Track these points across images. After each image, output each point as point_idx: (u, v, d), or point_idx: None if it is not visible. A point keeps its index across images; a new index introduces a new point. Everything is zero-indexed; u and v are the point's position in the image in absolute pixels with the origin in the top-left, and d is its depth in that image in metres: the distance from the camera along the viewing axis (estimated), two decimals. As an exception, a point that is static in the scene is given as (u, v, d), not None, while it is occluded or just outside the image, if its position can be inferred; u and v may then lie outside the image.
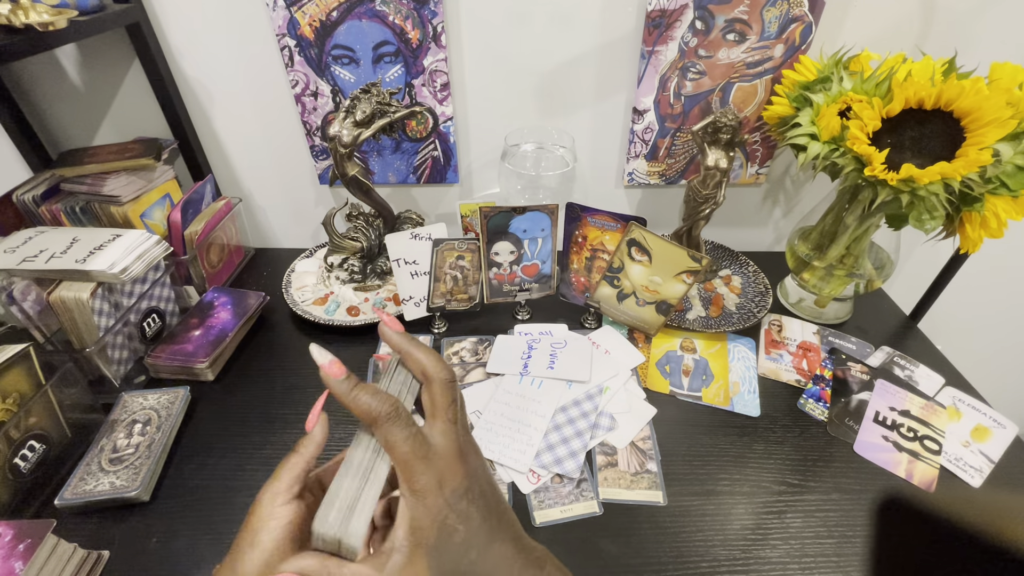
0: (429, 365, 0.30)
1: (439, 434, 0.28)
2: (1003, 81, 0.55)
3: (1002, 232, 0.59)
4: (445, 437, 0.28)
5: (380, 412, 0.27)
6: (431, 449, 0.27)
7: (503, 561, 0.29)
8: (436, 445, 0.28)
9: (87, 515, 0.54)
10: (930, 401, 0.66)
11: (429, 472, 0.27)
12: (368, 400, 0.27)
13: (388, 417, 0.27)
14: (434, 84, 0.79)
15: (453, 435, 0.29)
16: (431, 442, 0.28)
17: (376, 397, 0.27)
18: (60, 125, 0.85)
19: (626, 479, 0.58)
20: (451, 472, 0.27)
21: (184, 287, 0.80)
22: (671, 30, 0.73)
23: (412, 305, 0.74)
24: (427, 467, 0.27)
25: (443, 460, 0.27)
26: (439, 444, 0.28)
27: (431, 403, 0.30)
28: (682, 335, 0.76)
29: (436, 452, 0.27)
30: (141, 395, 0.65)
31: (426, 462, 0.27)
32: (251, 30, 0.75)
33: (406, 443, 0.27)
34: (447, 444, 0.28)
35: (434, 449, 0.27)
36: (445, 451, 0.28)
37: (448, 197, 0.94)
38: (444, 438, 0.28)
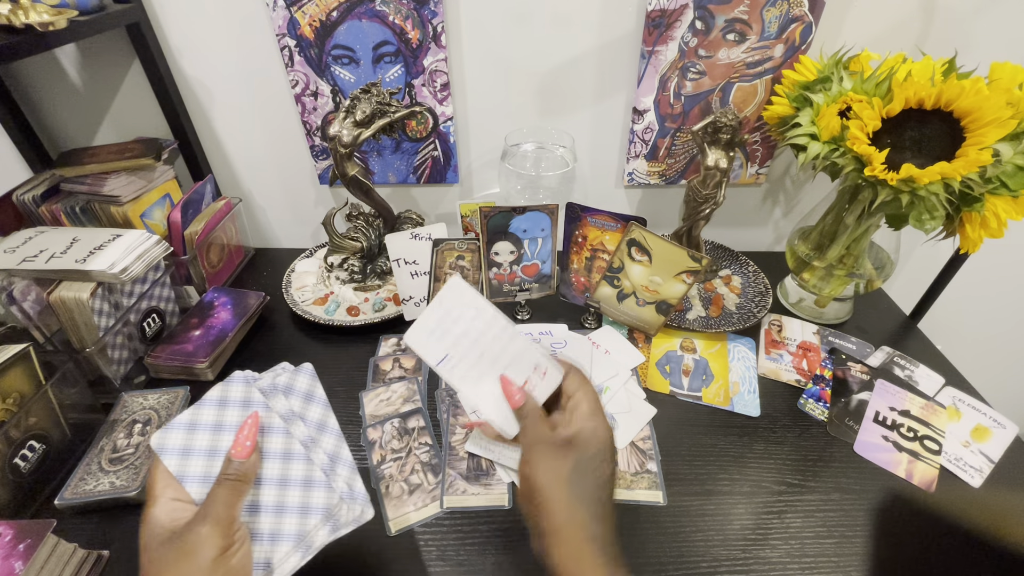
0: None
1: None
2: (1003, 81, 0.55)
3: (1002, 232, 0.59)
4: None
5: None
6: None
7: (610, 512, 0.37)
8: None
9: (87, 515, 0.54)
10: (930, 401, 0.66)
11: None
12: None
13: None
14: (434, 84, 0.79)
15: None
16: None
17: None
18: (60, 125, 0.85)
19: (626, 479, 0.58)
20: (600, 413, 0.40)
21: (184, 287, 0.80)
22: (671, 30, 0.73)
23: (412, 305, 0.74)
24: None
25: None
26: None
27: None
28: (682, 335, 0.76)
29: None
30: (141, 395, 0.65)
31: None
32: (251, 30, 0.75)
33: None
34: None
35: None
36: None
37: (448, 197, 0.94)
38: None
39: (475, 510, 0.55)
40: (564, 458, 0.35)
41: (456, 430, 0.63)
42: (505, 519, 0.55)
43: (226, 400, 0.40)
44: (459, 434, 0.62)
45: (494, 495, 0.56)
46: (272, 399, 0.42)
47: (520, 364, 0.42)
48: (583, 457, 0.35)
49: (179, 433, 0.39)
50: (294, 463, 0.40)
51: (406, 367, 0.71)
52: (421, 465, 0.59)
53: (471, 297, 0.42)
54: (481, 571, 0.50)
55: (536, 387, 0.42)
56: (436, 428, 0.64)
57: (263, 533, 0.38)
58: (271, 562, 0.38)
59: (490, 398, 0.42)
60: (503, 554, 0.52)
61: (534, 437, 0.37)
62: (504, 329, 0.42)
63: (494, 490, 0.57)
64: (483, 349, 0.42)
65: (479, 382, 0.42)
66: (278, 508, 0.39)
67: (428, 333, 0.42)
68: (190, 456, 0.38)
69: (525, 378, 0.42)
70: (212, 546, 0.34)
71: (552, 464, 0.35)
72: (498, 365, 0.42)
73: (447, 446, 0.61)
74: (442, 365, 0.42)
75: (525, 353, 0.42)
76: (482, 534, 0.53)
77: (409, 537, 0.53)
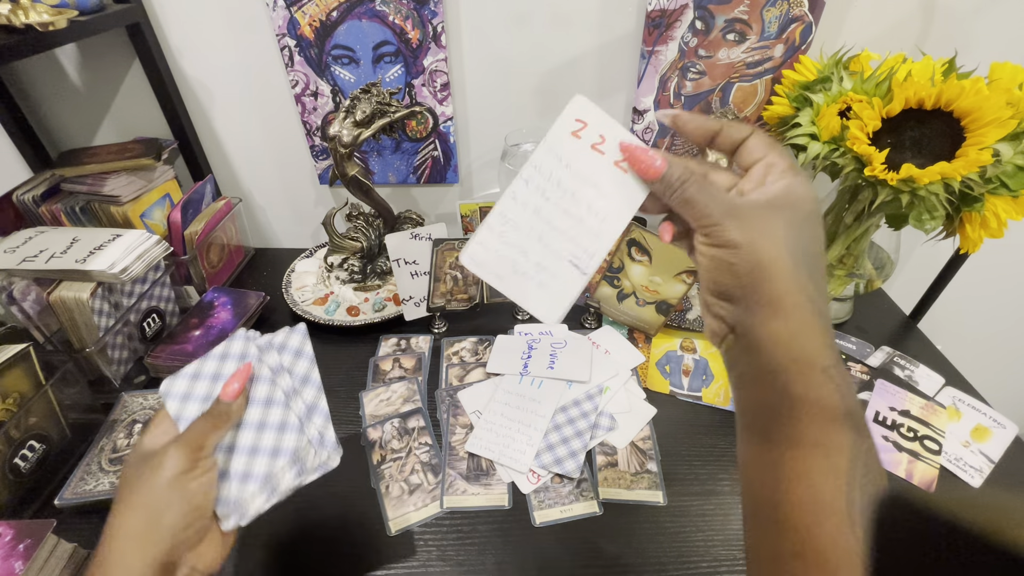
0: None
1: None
2: (1003, 81, 0.55)
3: (1002, 232, 0.59)
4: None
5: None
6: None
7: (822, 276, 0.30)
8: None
9: (87, 515, 0.54)
10: (930, 401, 0.66)
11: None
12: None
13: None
14: (434, 84, 0.79)
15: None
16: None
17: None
18: (60, 125, 0.85)
19: (626, 479, 0.58)
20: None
21: (184, 287, 0.80)
22: (671, 30, 0.73)
23: (412, 305, 0.74)
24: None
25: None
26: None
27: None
28: (682, 335, 0.76)
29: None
30: (141, 395, 0.65)
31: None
32: (251, 30, 0.75)
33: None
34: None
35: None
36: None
37: (448, 197, 0.94)
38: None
39: (475, 510, 0.55)
40: (776, 219, 0.28)
41: (456, 430, 0.63)
42: (505, 519, 0.55)
43: (227, 354, 0.45)
44: (459, 434, 0.62)
45: (494, 495, 0.56)
46: (266, 354, 0.45)
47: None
48: (796, 218, 0.29)
49: (183, 381, 0.43)
50: (273, 409, 0.43)
51: (406, 367, 0.71)
52: (421, 465, 0.59)
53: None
54: (481, 571, 0.50)
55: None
56: (436, 428, 0.64)
57: (236, 472, 0.40)
58: (240, 500, 0.40)
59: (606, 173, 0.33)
60: (503, 554, 0.52)
61: (723, 202, 0.29)
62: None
63: (494, 490, 0.57)
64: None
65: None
66: (252, 450, 0.42)
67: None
68: (188, 401, 0.42)
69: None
70: (174, 465, 0.36)
71: (765, 226, 0.28)
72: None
73: (447, 446, 0.61)
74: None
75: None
76: (482, 534, 0.53)
77: (409, 537, 0.53)
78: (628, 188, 0.32)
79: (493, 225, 0.32)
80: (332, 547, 0.52)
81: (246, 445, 0.42)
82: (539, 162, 0.32)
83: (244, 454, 0.41)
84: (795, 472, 0.27)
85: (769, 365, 0.28)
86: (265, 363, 0.44)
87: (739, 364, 0.30)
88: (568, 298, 0.33)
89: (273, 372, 0.44)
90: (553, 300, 0.33)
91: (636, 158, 0.31)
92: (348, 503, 0.56)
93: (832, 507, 0.26)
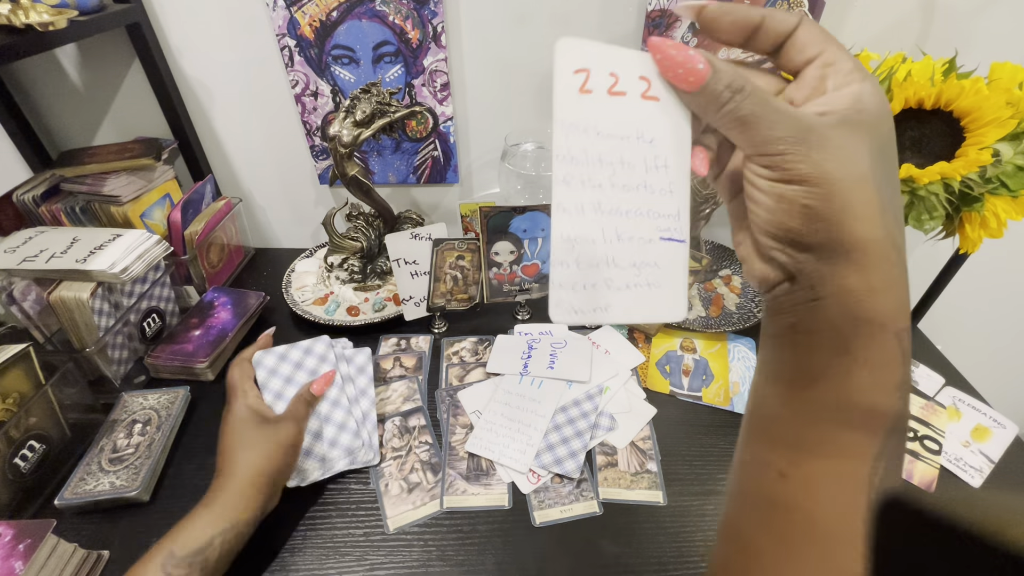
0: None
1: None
2: (1003, 81, 0.55)
3: (1002, 232, 0.59)
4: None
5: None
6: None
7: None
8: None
9: (87, 515, 0.54)
10: (930, 401, 0.66)
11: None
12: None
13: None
14: (434, 84, 0.79)
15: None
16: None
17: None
18: (60, 125, 0.85)
19: (626, 479, 0.58)
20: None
21: (184, 287, 0.80)
22: (671, 30, 0.73)
23: (412, 305, 0.74)
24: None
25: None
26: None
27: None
28: (682, 335, 0.76)
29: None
30: (141, 395, 0.65)
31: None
32: (251, 30, 0.75)
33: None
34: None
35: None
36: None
37: (448, 197, 0.94)
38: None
39: (475, 510, 0.55)
40: (860, 143, 0.22)
41: (456, 430, 0.63)
42: (505, 519, 0.55)
43: (311, 350, 0.61)
44: (459, 434, 0.62)
45: (494, 495, 0.56)
46: (339, 362, 0.62)
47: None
48: (879, 141, 0.23)
49: (272, 358, 0.59)
50: (337, 409, 0.59)
51: (407, 366, 0.71)
52: (421, 464, 0.59)
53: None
54: (481, 571, 0.50)
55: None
56: (436, 428, 0.64)
57: (302, 448, 0.55)
58: (301, 468, 0.55)
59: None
60: (503, 554, 0.52)
61: (794, 121, 0.22)
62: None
63: (494, 490, 0.57)
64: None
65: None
66: (316, 435, 0.57)
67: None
68: (274, 375, 0.58)
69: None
70: (292, 437, 0.53)
71: (850, 153, 0.22)
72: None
73: (447, 446, 0.61)
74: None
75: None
76: (482, 534, 0.53)
77: (409, 537, 0.53)
78: (669, 117, 0.25)
79: (563, 257, 0.25)
80: (333, 546, 0.52)
81: (312, 429, 0.57)
82: (566, 150, 0.25)
83: (310, 435, 0.56)
84: (832, 446, 0.24)
85: (835, 322, 0.23)
86: (339, 371, 0.61)
87: (791, 314, 0.24)
88: (684, 279, 0.27)
89: (343, 379, 0.61)
90: (672, 292, 0.27)
91: (672, 62, 0.23)
92: (349, 501, 0.56)
93: (856, 500, 0.23)
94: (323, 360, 0.61)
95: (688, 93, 0.24)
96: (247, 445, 0.51)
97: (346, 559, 0.51)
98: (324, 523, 0.54)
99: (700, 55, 0.23)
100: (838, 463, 0.23)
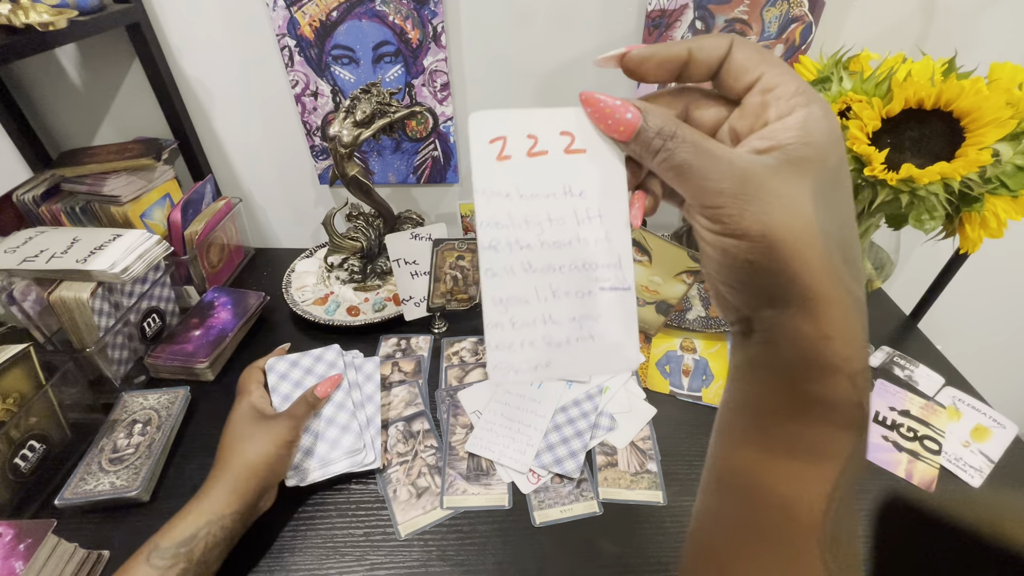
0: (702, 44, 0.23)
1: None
2: (1003, 81, 0.55)
3: (1002, 232, 0.59)
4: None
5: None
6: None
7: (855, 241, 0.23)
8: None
9: (87, 515, 0.54)
10: (930, 401, 0.66)
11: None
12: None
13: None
14: (434, 84, 0.79)
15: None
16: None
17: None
18: (60, 125, 0.85)
19: (626, 479, 0.58)
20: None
21: (184, 287, 0.80)
22: (671, 30, 0.73)
23: (412, 305, 0.74)
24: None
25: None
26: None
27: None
28: (682, 335, 0.76)
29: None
30: (141, 395, 0.65)
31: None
32: (251, 30, 0.75)
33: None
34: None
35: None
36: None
37: (448, 197, 0.94)
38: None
39: (475, 510, 0.55)
40: (801, 184, 0.20)
41: (456, 430, 0.63)
42: (505, 519, 0.55)
43: (321, 357, 0.64)
44: (459, 434, 0.62)
45: (494, 495, 0.56)
46: (348, 369, 0.63)
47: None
48: (825, 176, 0.21)
49: (284, 364, 0.62)
50: (342, 412, 0.60)
51: (405, 370, 0.71)
52: (428, 468, 0.59)
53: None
54: (481, 571, 0.50)
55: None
56: (436, 428, 0.64)
57: (302, 447, 0.57)
58: (301, 467, 0.56)
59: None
60: (503, 554, 0.52)
61: (731, 168, 0.21)
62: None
63: (494, 490, 0.57)
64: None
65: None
66: (318, 435, 0.58)
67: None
68: (284, 379, 0.60)
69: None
70: (286, 434, 0.53)
71: (790, 200, 0.20)
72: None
73: (447, 446, 0.61)
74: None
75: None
76: (482, 534, 0.53)
77: (409, 538, 0.53)
78: (598, 166, 0.25)
79: (496, 319, 0.25)
80: (333, 546, 0.52)
81: (315, 430, 0.58)
82: (489, 216, 0.24)
83: (311, 436, 0.57)
84: (785, 476, 0.24)
85: (789, 363, 0.23)
86: (346, 377, 0.62)
87: (750, 351, 0.24)
88: (632, 326, 0.26)
89: (350, 385, 0.62)
90: (621, 342, 0.26)
91: (601, 113, 0.23)
92: (349, 502, 0.56)
93: (810, 524, 0.23)
94: (332, 367, 0.63)
95: (623, 143, 0.23)
96: (242, 439, 0.52)
97: (346, 559, 0.51)
98: (324, 523, 0.54)
99: (629, 104, 0.23)
100: (792, 493, 0.23)
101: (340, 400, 0.60)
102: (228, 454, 0.51)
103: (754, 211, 0.20)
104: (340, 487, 0.57)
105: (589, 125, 0.24)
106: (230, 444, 0.52)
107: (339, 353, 0.64)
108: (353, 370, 0.64)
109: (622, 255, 0.26)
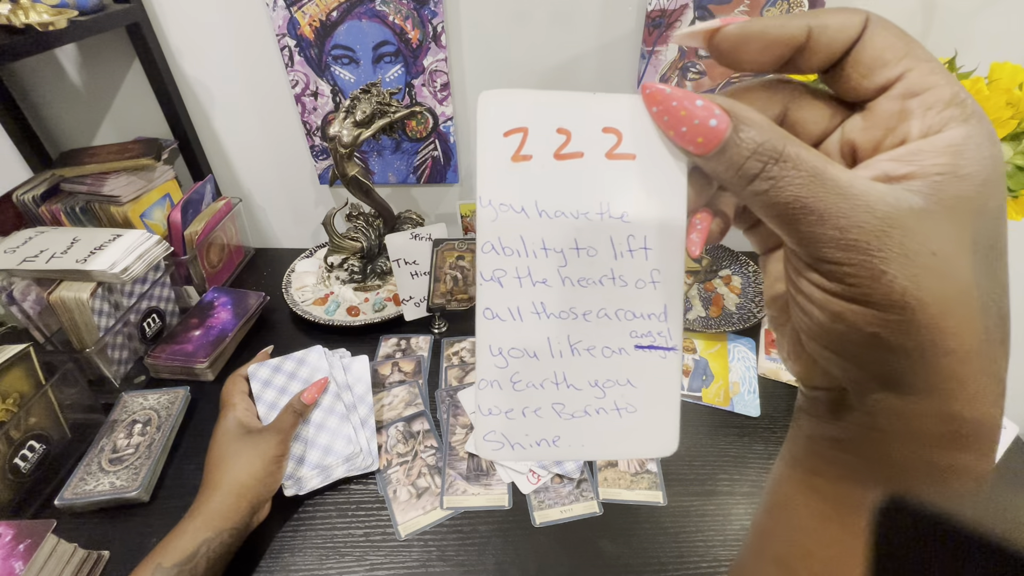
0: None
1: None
2: (1003, 81, 0.55)
3: (1002, 232, 0.59)
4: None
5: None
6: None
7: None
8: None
9: (87, 515, 0.54)
10: (930, 401, 0.66)
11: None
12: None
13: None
14: (434, 84, 0.79)
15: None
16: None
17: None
18: (60, 125, 0.85)
19: (626, 479, 0.58)
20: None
21: (184, 287, 0.80)
22: (671, 30, 0.73)
23: (412, 305, 0.74)
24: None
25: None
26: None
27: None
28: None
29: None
30: (141, 395, 0.65)
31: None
32: (251, 30, 0.75)
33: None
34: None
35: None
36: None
37: (448, 197, 0.94)
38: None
39: (475, 510, 0.55)
40: (955, 236, 0.15)
41: (456, 430, 0.63)
42: (505, 519, 0.55)
43: (304, 360, 0.61)
44: (459, 434, 0.62)
45: (494, 495, 0.56)
46: (335, 370, 0.61)
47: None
48: (984, 220, 0.15)
49: (267, 370, 0.59)
50: (332, 416, 0.58)
51: (405, 370, 0.71)
52: (428, 468, 0.59)
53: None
54: (481, 571, 0.50)
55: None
56: (436, 428, 0.64)
57: (294, 455, 0.55)
58: (296, 476, 0.54)
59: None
60: (503, 554, 0.52)
61: (868, 210, 0.15)
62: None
63: (494, 490, 0.57)
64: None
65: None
66: (310, 442, 0.56)
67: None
68: (268, 387, 0.58)
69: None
70: (274, 449, 0.52)
71: (945, 260, 0.14)
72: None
73: (447, 446, 0.61)
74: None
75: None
76: (482, 534, 0.53)
77: (409, 538, 0.53)
78: (653, 179, 0.18)
79: (491, 376, 0.19)
80: (333, 547, 0.52)
81: (305, 437, 0.56)
82: (495, 238, 0.18)
83: (302, 443, 0.56)
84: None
85: (893, 462, 0.17)
86: (335, 379, 0.60)
87: (836, 428, 0.18)
88: (673, 399, 0.20)
89: (339, 387, 0.60)
90: (656, 420, 0.20)
91: (674, 116, 0.17)
92: (349, 502, 0.56)
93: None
94: (316, 370, 0.60)
95: (701, 155, 0.17)
96: (230, 457, 0.51)
97: (346, 559, 0.51)
98: (324, 523, 0.54)
99: (713, 105, 0.16)
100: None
101: (329, 404, 0.58)
102: (216, 473, 0.50)
103: (896, 273, 0.14)
104: (340, 487, 0.57)
105: (646, 123, 0.18)
106: (217, 462, 0.51)
107: (322, 354, 0.62)
108: (342, 371, 0.62)
109: (670, 304, 0.19)
